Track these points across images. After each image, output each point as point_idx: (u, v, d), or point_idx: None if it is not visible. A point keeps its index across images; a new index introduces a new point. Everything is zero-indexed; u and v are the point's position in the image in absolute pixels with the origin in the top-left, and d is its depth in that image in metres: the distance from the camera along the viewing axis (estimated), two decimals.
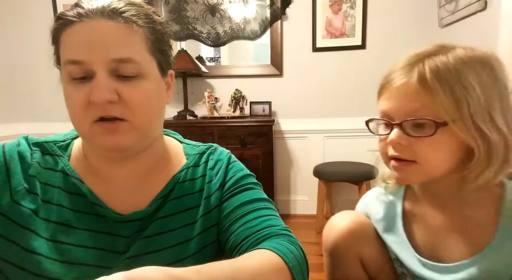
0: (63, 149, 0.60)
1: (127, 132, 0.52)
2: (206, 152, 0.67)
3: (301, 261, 0.53)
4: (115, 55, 0.49)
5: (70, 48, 0.50)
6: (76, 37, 0.49)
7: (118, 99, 0.50)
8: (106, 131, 0.51)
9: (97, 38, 0.49)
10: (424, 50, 0.58)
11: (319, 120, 2.58)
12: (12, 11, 2.64)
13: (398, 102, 0.57)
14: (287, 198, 2.68)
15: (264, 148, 2.29)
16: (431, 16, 2.28)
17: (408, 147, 0.57)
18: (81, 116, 0.50)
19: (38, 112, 2.73)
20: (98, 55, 0.49)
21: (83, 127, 0.52)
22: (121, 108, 0.50)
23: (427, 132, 0.55)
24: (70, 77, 0.50)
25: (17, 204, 0.53)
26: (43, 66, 2.65)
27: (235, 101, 2.44)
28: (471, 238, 0.59)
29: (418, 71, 0.55)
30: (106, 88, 0.49)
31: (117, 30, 0.50)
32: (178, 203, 0.60)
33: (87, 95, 0.49)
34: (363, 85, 2.48)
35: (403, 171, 0.59)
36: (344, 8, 2.44)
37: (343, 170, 2.28)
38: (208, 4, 2.54)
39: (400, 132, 0.57)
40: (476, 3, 1.70)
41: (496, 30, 1.55)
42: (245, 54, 2.68)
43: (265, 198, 0.63)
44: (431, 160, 0.57)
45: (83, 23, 0.49)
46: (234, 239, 0.57)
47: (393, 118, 0.58)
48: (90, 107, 0.49)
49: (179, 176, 0.62)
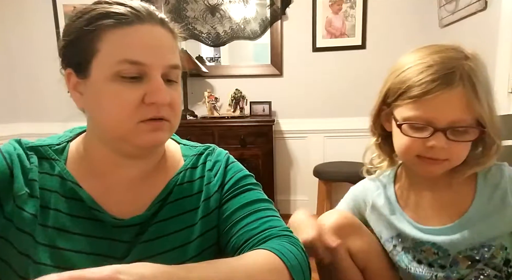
0: (59, 152, 0.58)
1: (166, 130, 0.55)
2: (204, 153, 0.66)
3: (302, 262, 0.52)
4: (170, 61, 0.53)
5: (130, 48, 0.50)
6: (137, 38, 0.51)
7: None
8: (153, 129, 0.52)
9: (157, 42, 0.52)
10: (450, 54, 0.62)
11: (319, 120, 2.58)
12: (12, 11, 2.64)
13: (442, 110, 0.60)
14: (287, 198, 2.68)
15: (264, 148, 2.29)
16: (431, 16, 2.28)
17: (446, 149, 0.61)
18: (127, 115, 0.51)
19: (38, 112, 2.72)
20: (158, 60, 0.52)
21: (127, 125, 0.51)
22: (169, 110, 0.54)
23: (469, 137, 0.62)
24: (118, 75, 0.50)
25: (20, 209, 0.52)
26: (43, 66, 2.65)
27: (235, 101, 2.44)
28: (455, 208, 0.68)
29: (465, 78, 0.59)
30: (166, 91, 0.52)
31: (168, 38, 0.55)
32: (176, 206, 0.59)
33: (141, 96, 0.51)
34: (363, 85, 2.48)
35: (435, 168, 0.65)
36: (344, 8, 2.44)
37: (343, 170, 2.28)
38: (208, 4, 2.53)
39: (444, 137, 0.61)
40: (476, 3, 1.70)
41: (496, 30, 1.55)
42: (245, 54, 2.68)
43: (265, 198, 0.63)
44: (461, 158, 0.64)
45: (142, 26, 0.51)
46: (235, 242, 0.57)
47: (434, 124, 0.61)
48: (140, 107, 0.51)
49: (177, 178, 0.61)
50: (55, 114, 2.61)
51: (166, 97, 0.52)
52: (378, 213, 0.78)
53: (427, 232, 0.70)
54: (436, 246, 0.69)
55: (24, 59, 2.68)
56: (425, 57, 0.63)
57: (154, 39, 0.52)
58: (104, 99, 0.51)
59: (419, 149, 0.64)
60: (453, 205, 0.69)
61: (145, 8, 0.53)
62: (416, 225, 0.71)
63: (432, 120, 0.61)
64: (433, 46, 0.65)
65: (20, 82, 2.71)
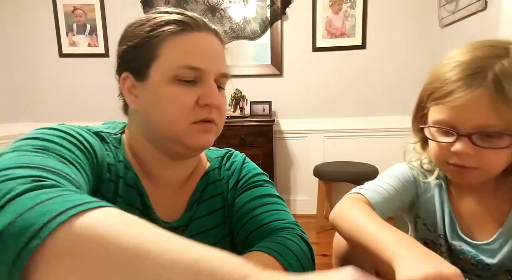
0: (118, 142, 0.59)
1: (214, 133, 0.58)
2: (225, 156, 0.70)
3: (302, 257, 0.54)
4: (223, 69, 0.58)
5: (190, 54, 0.54)
6: (196, 45, 0.55)
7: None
8: (204, 130, 0.55)
9: (212, 50, 0.57)
10: (484, 53, 0.56)
11: (319, 120, 2.58)
12: (12, 11, 2.64)
13: (468, 114, 0.55)
14: (287, 198, 2.68)
15: (264, 148, 2.29)
16: (431, 16, 2.28)
17: (475, 156, 0.57)
18: (183, 116, 0.54)
19: (38, 112, 2.72)
20: (213, 66, 0.56)
21: (181, 125, 0.54)
22: (217, 113, 0.57)
23: (499, 144, 0.55)
24: (176, 78, 0.53)
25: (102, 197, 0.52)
26: (43, 66, 2.66)
27: (235, 101, 2.44)
28: (497, 218, 0.64)
29: (492, 80, 0.53)
30: (218, 94, 0.56)
31: (220, 47, 0.59)
32: (209, 204, 0.63)
33: (196, 98, 0.54)
34: (363, 85, 2.48)
35: (466, 177, 0.61)
36: (344, 8, 2.44)
37: (343, 170, 2.28)
38: (208, 4, 2.53)
39: (468, 143, 0.56)
40: (476, 3, 1.70)
41: (496, 30, 1.55)
42: (245, 54, 2.68)
43: (275, 194, 0.66)
44: (495, 167, 0.59)
45: (199, 33, 0.55)
46: (242, 234, 0.61)
47: (457, 128, 0.57)
48: (195, 109, 0.54)
49: (207, 177, 0.65)
50: (55, 114, 2.61)
51: (221, 100, 0.56)
52: (427, 210, 0.73)
53: (469, 244, 0.67)
54: (477, 259, 0.66)
55: (24, 59, 2.68)
56: (458, 55, 0.58)
57: (210, 46, 0.56)
58: (162, 100, 0.54)
59: (446, 155, 0.60)
60: (495, 218, 0.65)
61: (200, 18, 0.57)
62: (460, 234, 0.68)
63: (455, 124, 0.57)
64: (476, 43, 0.59)
65: (20, 82, 2.71)
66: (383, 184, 0.72)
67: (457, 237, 0.69)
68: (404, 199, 0.73)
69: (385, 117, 2.48)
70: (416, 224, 0.76)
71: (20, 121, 2.73)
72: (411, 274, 0.42)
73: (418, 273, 0.42)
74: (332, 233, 0.76)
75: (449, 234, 0.70)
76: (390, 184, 0.72)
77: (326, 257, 1.95)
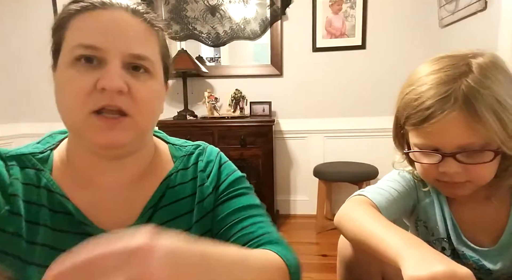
0: (44, 161, 0.54)
1: (127, 128, 0.49)
2: (194, 153, 0.64)
3: (298, 267, 0.55)
4: (135, 50, 0.49)
5: (85, 32, 0.47)
6: (95, 22, 0.48)
7: (128, 91, 0.48)
8: (104, 126, 0.47)
9: (119, 28, 0.48)
10: (450, 72, 0.56)
11: (319, 120, 2.58)
12: (12, 11, 2.64)
13: (448, 136, 0.56)
14: (287, 198, 2.68)
15: (264, 148, 2.29)
16: (431, 16, 2.28)
17: (462, 172, 0.57)
18: (79, 103, 0.46)
19: (38, 112, 2.72)
20: (117, 46, 0.48)
21: (77, 116, 0.47)
22: (128, 101, 0.48)
23: (483, 159, 0.56)
24: (74, 59, 0.47)
25: (1, 232, 0.48)
26: (43, 66, 2.65)
27: (235, 101, 2.44)
28: (496, 225, 0.65)
29: (462, 102, 0.53)
30: (119, 76, 0.47)
31: (139, 27, 0.50)
32: (170, 210, 0.57)
33: (94, 81, 0.46)
34: (363, 85, 2.48)
35: (458, 191, 0.61)
36: (344, 8, 2.44)
37: (343, 170, 2.28)
38: (208, 4, 2.53)
39: (454, 162, 0.57)
40: (476, 3, 1.70)
41: (496, 30, 1.55)
42: (245, 54, 2.68)
43: (258, 204, 0.62)
44: (484, 178, 0.59)
45: (105, 11, 0.48)
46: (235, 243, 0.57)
47: (442, 149, 0.58)
48: (92, 94, 0.46)
49: (168, 181, 0.58)
50: (55, 114, 2.60)
51: (116, 82, 0.46)
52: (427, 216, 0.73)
53: (471, 249, 0.67)
54: (479, 264, 0.66)
55: (24, 59, 2.68)
56: (424, 78, 0.59)
57: (116, 24, 0.48)
58: (61, 86, 0.48)
59: (435, 174, 0.60)
60: (494, 222, 0.65)
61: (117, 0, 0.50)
62: (463, 239, 0.68)
63: (438, 146, 0.58)
64: (437, 61, 0.60)
65: (20, 82, 2.71)
66: (386, 187, 0.72)
67: (460, 242, 0.69)
68: (406, 203, 0.73)
69: (385, 117, 2.47)
70: (417, 227, 0.76)
71: (20, 121, 2.73)
72: (419, 272, 0.42)
73: (428, 271, 0.41)
74: (333, 233, 0.76)
75: (453, 239, 0.69)
76: (393, 187, 0.71)
77: (326, 257, 1.95)
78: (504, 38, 1.51)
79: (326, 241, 2.16)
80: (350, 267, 0.71)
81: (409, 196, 0.73)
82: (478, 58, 0.56)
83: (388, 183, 0.73)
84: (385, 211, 0.65)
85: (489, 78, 0.54)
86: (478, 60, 0.56)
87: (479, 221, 0.67)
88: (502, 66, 0.57)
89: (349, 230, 0.63)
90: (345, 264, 0.72)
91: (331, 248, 2.05)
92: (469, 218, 0.68)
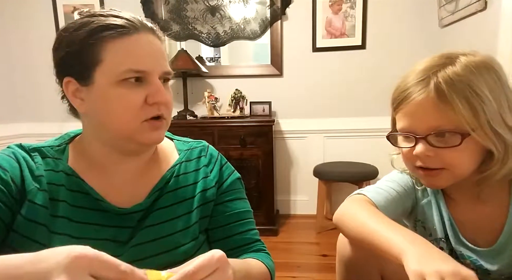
0: (60, 152, 0.63)
1: (164, 128, 0.62)
2: (197, 148, 0.73)
3: (274, 273, 0.68)
4: (166, 68, 0.60)
5: (131, 58, 0.56)
6: (136, 47, 0.57)
7: None
8: (155, 128, 0.59)
9: (154, 51, 0.59)
10: (433, 63, 0.60)
11: (319, 120, 2.58)
12: (12, 11, 2.64)
13: (420, 117, 0.59)
14: (287, 198, 2.68)
15: (264, 148, 2.29)
16: (431, 16, 2.28)
17: (435, 157, 0.59)
18: (132, 115, 0.57)
19: (38, 112, 2.73)
20: (157, 67, 0.58)
21: (133, 125, 0.57)
22: (165, 108, 0.60)
23: (452, 142, 0.58)
24: (122, 80, 0.56)
25: (32, 203, 0.57)
26: (43, 66, 2.65)
27: (235, 101, 2.44)
28: (494, 225, 0.65)
29: (434, 85, 0.57)
30: (164, 91, 0.58)
31: (160, 44, 0.61)
32: (174, 195, 0.66)
33: (144, 97, 0.57)
34: (363, 85, 2.48)
35: (434, 178, 0.62)
36: (344, 8, 2.44)
37: (343, 170, 2.28)
38: (208, 4, 2.54)
39: (426, 145, 0.59)
40: (476, 3, 1.70)
41: (496, 30, 1.55)
42: (245, 54, 2.68)
43: (250, 210, 0.73)
44: (459, 166, 0.60)
45: (139, 35, 0.57)
46: (228, 243, 0.68)
47: (415, 132, 0.60)
48: (144, 107, 0.57)
49: (173, 170, 0.68)
50: (55, 114, 2.61)
51: (167, 97, 0.59)
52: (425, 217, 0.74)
53: (470, 249, 0.67)
54: (476, 264, 0.67)
55: (24, 59, 2.68)
56: (412, 70, 0.63)
57: (150, 47, 0.58)
58: (111, 102, 0.56)
59: (412, 159, 0.62)
60: (492, 222, 0.65)
61: (136, 18, 0.59)
62: (461, 239, 0.69)
63: (413, 129, 0.60)
64: (430, 58, 0.63)
65: (20, 82, 2.72)
66: (385, 187, 0.73)
67: (458, 242, 0.69)
68: (405, 204, 0.74)
69: (385, 117, 2.46)
70: (415, 227, 0.76)
71: (20, 121, 2.73)
72: (424, 268, 0.42)
73: (433, 268, 0.42)
74: (332, 233, 0.77)
75: (452, 239, 0.70)
76: (392, 187, 0.73)
77: (326, 257, 1.95)
78: (504, 38, 1.51)
79: (326, 241, 2.16)
80: (349, 266, 0.71)
81: (407, 197, 0.74)
82: (468, 56, 0.60)
83: (387, 184, 0.74)
84: (384, 210, 0.66)
85: (472, 73, 0.57)
86: (466, 58, 0.59)
87: (477, 221, 0.67)
88: (494, 68, 0.59)
89: (350, 228, 0.64)
90: (344, 263, 0.72)
91: (331, 248, 2.04)
92: (467, 218, 0.69)
